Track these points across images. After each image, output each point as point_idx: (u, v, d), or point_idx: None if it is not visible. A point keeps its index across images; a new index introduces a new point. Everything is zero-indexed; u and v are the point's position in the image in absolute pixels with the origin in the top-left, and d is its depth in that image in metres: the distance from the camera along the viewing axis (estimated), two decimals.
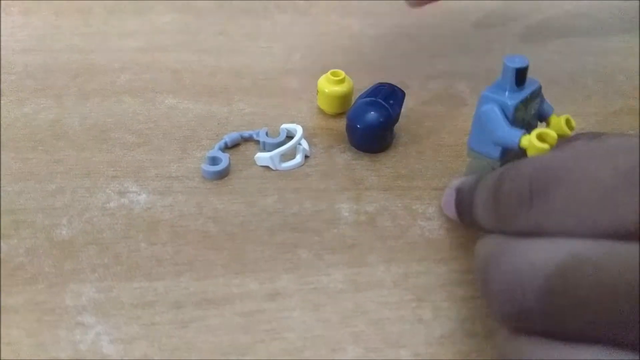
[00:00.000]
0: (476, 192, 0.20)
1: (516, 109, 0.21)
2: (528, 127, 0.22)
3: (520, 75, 0.21)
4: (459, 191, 0.22)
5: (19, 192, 0.24)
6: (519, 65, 0.21)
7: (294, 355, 0.19)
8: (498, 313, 0.17)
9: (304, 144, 0.27)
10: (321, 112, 0.30)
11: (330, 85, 0.28)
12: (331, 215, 0.24)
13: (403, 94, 0.28)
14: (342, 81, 0.28)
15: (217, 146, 0.27)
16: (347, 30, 0.36)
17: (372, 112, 0.26)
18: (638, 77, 0.34)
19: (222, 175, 0.26)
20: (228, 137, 0.27)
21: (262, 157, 0.26)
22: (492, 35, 0.38)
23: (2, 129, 0.27)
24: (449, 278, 0.22)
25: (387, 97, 0.27)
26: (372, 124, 0.26)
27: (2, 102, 0.29)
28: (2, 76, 0.30)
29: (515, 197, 0.18)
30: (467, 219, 0.21)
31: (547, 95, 0.33)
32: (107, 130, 0.28)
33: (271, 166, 0.26)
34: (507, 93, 0.21)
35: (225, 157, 0.26)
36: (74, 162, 0.26)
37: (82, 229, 0.23)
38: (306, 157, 0.27)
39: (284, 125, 0.28)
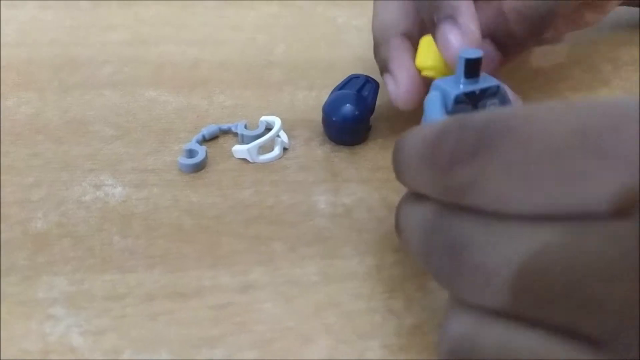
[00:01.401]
0: (410, 144, 0.17)
1: (457, 100, 0.20)
2: None
3: (470, 67, 0.20)
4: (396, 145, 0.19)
5: None
6: (469, 55, 0.20)
7: (264, 347, 0.19)
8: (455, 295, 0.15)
9: (283, 137, 0.27)
10: (301, 104, 0.29)
11: None
12: (308, 207, 0.24)
13: (377, 85, 0.28)
14: None
15: (194, 139, 0.27)
16: (332, 21, 0.36)
17: (347, 105, 0.26)
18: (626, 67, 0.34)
19: (199, 168, 0.25)
20: (206, 130, 0.27)
21: (240, 149, 0.26)
22: None
23: None
24: (422, 268, 0.22)
25: (361, 88, 0.27)
26: (347, 116, 0.26)
27: None
28: None
29: (457, 148, 0.15)
30: (400, 178, 0.18)
31: (533, 85, 0.33)
32: (87, 124, 0.28)
33: (249, 159, 0.26)
34: (454, 84, 0.20)
35: (202, 150, 0.26)
36: (52, 155, 0.26)
37: (57, 221, 0.23)
38: (285, 149, 0.27)
39: (263, 118, 0.28)
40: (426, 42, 0.24)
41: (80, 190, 0.24)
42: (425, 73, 0.24)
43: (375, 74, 0.28)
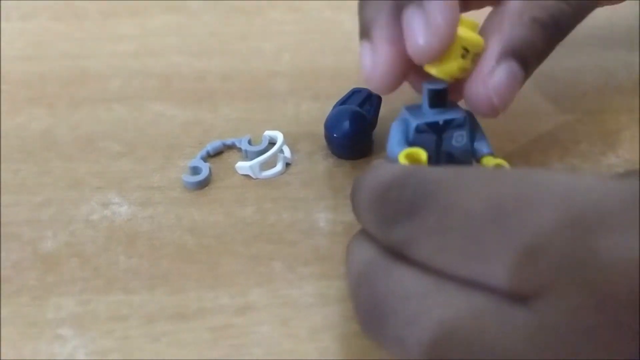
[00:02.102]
0: (362, 181, 0.18)
1: (418, 130, 0.20)
2: (449, 160, 0.21)
3: (434, 97, 0.20)
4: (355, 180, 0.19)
5: (9, 204, 0.25)
6: (433, 86, 0.20)
7: None
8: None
9: (286, 151, 0.27)
10: (305, 116, 0.30)
11: (462, 26, 0.20)
12: (308, 225, 0.25)
13: (379, 99, 0.27)
14: (476, 28, 0.21)
15: (199, 155, 0.27)
16: (339, 27, 0.36)
17: (347, 120, 0.26)
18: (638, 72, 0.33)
19: (203, 185, 0.26)
20: (210, 146, 0.27)
21: (243, 166, 0.26)
22: None
23: None
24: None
25: (363, 102, 0.27)
26: (348, 132, 0.26)
27: None
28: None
29: (396, 207, 0.16)
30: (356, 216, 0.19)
31: (543, 91, 0.32)
32: (95, 140, 0.28)
33: (252, 175, 0.27)
34: (419, 112, 0.20)
35: (205, 167, 0.26)
36: (61, 173, 0.27)
37: (66, 241, 0.24)
38: (288, 164, 0.27)
39: (267, 133, 0.28)
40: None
41: (89, 209, 0.25)
42: (428, 69, 0.21)
43: None
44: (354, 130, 0.26)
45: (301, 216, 0.25)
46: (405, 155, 0.19)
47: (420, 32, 0.19)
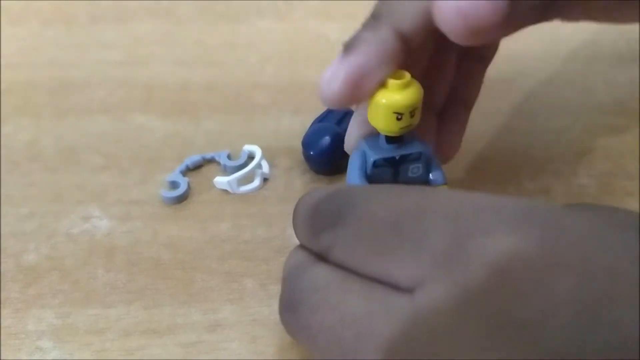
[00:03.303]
0: (300, 203, 0.20)
1: (376, 165, 0.21)
2: None
3: (389, 138, 0.21)
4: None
5: None
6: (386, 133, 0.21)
7: None
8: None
9: (264, 166, 0.28)
10: (285, 130, 0.30)
11: (389, 92, 0.20)
12: (281, 242, 0.25)
13: None
14: (407, 85, 0.20)
15: (178, 169, 0.28)
16: (323, 37, 0.36)
17: (324, 137, 0.27)
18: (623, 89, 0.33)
19: (181, 200, 0.27)
20: (190, 160, 0.28)
21: (221, 181, 0.27)
22: None
23: None
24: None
25: (341, 120, 0.28)
26: (325, 149, 0.27)
27: None
28: None
29: (324, 217, 0.18)
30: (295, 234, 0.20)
31: (519, 109, 0.33)
32: (78, 152, 0.29)
33: (229, 190, 0.27)
34: (377, 146, 0.21)
35: (184, 182, 0.27)
36: (45, 185, 0.28)
37: (47, 254, 0.25)
38: (265, 179, 0.28)
39: (246, 147, 0.29)
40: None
41: (69, 223, 0.26)
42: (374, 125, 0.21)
43: None
44: (330, 148, 0.27)
45: (276, 232, 0.26)
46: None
47: (326, 78, 0.20)
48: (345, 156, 0.28)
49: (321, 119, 0.28)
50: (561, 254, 0.13)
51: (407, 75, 0.20)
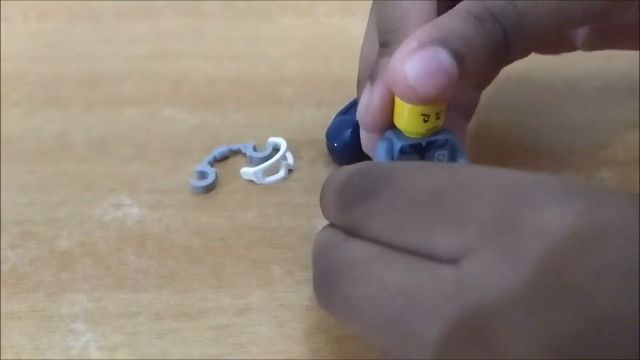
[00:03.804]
0: (327, 180, 0.20)
1: (402, 151, 0.21)
2: None
3: None
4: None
5: (27, 203, 0.27)
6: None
7: None
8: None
9: (289, 158, 0.29)
10: (309, 123, 0.31)
11: None
12: (307, 231, 0.26)
13: None
14: None
15: (206, 160, 0.28)
16: (346, 32, 0.37)
17: (348, 130, 0.27)
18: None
19: (209, 189, 0.27)
20: (217, 151, 0.29)
21: (247, 172, 0.28)
22: None
23: (13, 141, 0.30)
24: None
25: None
26: (348, 141, 0.27)
27: (15, 113, 0.31)
28: (17, 86, 0.33)
29: (356, 192, 0.18)
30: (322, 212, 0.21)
31: (540, 103, 0.33)
32: (108, 143, 0.30)
33: (255, 180, 0.28)
34: (403, 135, 0.21)
35: (212, 172, 0.28)
36: (76, 174, 0.28)
37: (80, 240, 0.26)
38: (290, 170, 0.29)
39: (271, 139, 0.29)
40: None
41: (101, 210, 0.27)
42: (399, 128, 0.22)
43: None
44: (353, 140, 0.27)
45: (301, 222, 0.26)
46: None
47: (362, 107, 0.23)
48: None
49: (344, 111, 0.29)
50: (606, 223, 0.14)
51: None
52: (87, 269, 0.25)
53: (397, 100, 0.21)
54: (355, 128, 0.28)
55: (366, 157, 0.29)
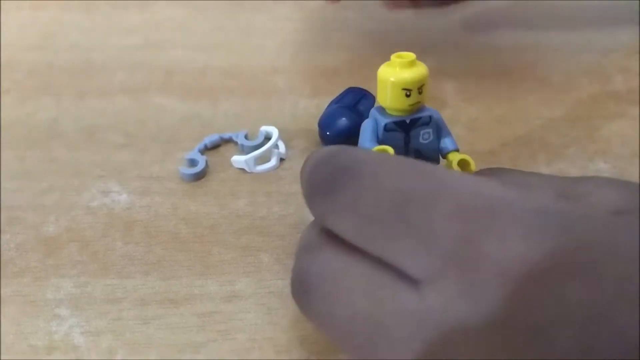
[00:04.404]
0: (308, 161, 0.19)
1: (387, 128, 0.21)
2: (417, 156, 0.22)
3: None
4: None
5: (15, 189, 0.27)
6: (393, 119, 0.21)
7: (242, 355, 0.21)
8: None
9: (281, 147, 0.28)
10: (302, 113, 0.30)
11: (397, 70, 0.21)
12: (297, 219, 0.26)
13: (374, 99, 0.28)
14: (412, 64, 0.21)
15: (196, 148, 0.28)
16: (342, 24, 0.36)
17: (341, 119, 0.27)
18: (638, 78, 0.33)
19: (199, 177, 0.27)
20: (208, 139, 0.29)
21: (238, 160, 0.28)
22: (489, 32, 0.37)
23: (4, 128, 0.29)
24: None
25: (357, 102, 0.28)
26: (342, 130, 0.27)
27: (6, 101, 0.31)
28: (9, 74, 0.33)
29: (321, 182, 0.17)
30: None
31: (536, 96, 0.33)
32: (99, 131, 0.29)
33: (246, 169, 0.28)
34: (388, 114, 0.22)
35: (202, 160, 0.27)
36: (66, 161, 0.28)
37: (67, 226, 0.25)
38: (282, 159, 0.28)
39: (263, 128, 0.29)
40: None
41: (89, 197, 0.26)
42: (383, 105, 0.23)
43: (372, 86, 0.29)
44: (347, 128, 0.27)
45: (291, 210, 0.26)
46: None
47: None
48: None
49: (338, 100, 0.29)
50: (572, 260, 0.13)
51: (412, 55, 0.21)
52: (74, 255, 0.24)
53: (380, 78, 0.21)
54: (349, 117, 0.27)
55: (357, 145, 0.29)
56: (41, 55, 0.34)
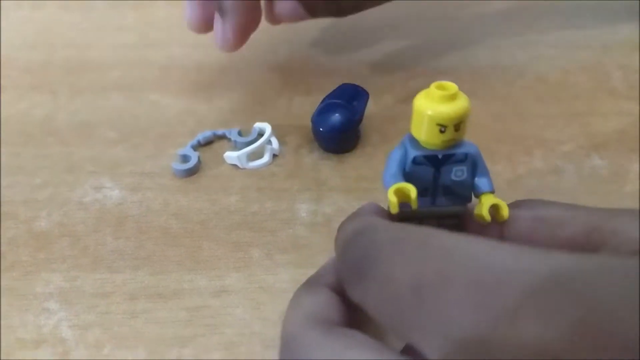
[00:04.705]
0: (340, 232, 0.19)
1: (415, 162, 0.20)
2: (446, 192, 0.21)
3: None
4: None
5: (8, 185, 0.27)
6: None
7: (229, 349, 0.21)
8: None
9: (274, 143, 0.28)
10: (296, 110, 0.30)
11: (435, 103, 0.19)
12: (289, 215, 0.26)
13: (367, 95, 0.28)
14: (453, 97, 0.19)
15: (189, 144, 0.28)
16: (332, 23, 0.36)
17: (334, 115, 0.27)
18: (638, 74, 0.33)
19: (191, 173, 0.27)
20: (201, 136, 0.28)
21: (231, 155, 0.27)
22: (488, 29, 0.37)
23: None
24: None
25: (351, 98, 0.28)
26: (335, 126, 0.27)
27: (2, 98, 0.31)
28: (4, 72, 0.33)
29: (353, 265, 0.17)
30: None
31: (533, 93, 0.33)
32: (93, 127, 0.30)
33: (239, 165, 0.27)
34: (420, 144, 0.20)
35: (195, 156, 0.27)
36: (59, 157, 0.28)
37: (59, 221, 0.25)
38: (275, 155, 0.28)
39: (257, 124, 0.29)
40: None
41: (82, 192, 0.26)
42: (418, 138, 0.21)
43: (366, 83, 0.29)
44: (340, 124, 0.27)
45: (284, 206, 0.26)
46: (394, 191, 0.19)
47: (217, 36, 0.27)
48: (354, 134, 0.29)
49: (331, 96, 0.29)
50: (588, 341, 0.13)
51: (454, 87, 0.19)
52: (64, 249, 0.24)
53: (416, 109, 0.19)
54: (343, 113, 0.27)
55: (351, 142, 0.28)
56: (38, 53, 0.34)
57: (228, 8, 0.26)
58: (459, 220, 0.21)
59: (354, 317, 0.19)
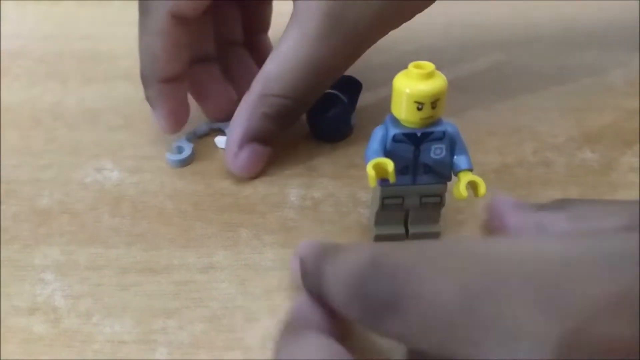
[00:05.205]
0: (330, 272, 0.17)
1: (395, 139, 0.20)
2: (426, 170, 0.21)
3: None
4: (302, 262, 0.19)
5: (16, 165, 0.28)
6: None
7: (212, 321, 0.22)
8: None
9: None
10: None
11: (412, 81, 0.20)
12: (279, 199, 0.26)
13: (360, 85, 0.29)
14: (430, 75, 0.20)
15: (185, 136, 0.29)
16: None
17: (327, 104, 0.28)
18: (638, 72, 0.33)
19: (185, 163, 0.28)
20: (198, 128, 0.29)
21: (222, 139, 0.28)
22: (487, 28, 0.37)
23: (11, 110, 0.31)
24: None
25: (343, 87, 0.28)
26: (327, 115, 0.28)
27: (15, 85, 0.33)
28: (20, 62, 0.34)
29: (380, 299, 0.15)
30: (318, 297, 0.19)
31: (529, 88, 0.33)
32: (99, 114, 0.31)
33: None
34: (401, 123, 0.21)
35: (189, 147, 0.28)
36: (65, 141, 0.29)
37: (60, 199, 0.26)
38: None
39: None
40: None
41: (84, 173, 0.28)
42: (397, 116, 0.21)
43: (362, 72, 0.30)
44: (333, 114, 0.28)
45: (275, 190, 0.27)
46: (373, 165, 0.20)
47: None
48: (347, 123, 0.29)
49: None
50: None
51: (431, 66, 0.20)
52: (63, 225, 0.25)
53: (395, 88, 0.20)
54: (337, 103, 0.28)
55: (344, 130, 0.29)
56: (53, 44, 0.36)
57: (152, 101, 0.28)
58: (441, 199, 0.22)
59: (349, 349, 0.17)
